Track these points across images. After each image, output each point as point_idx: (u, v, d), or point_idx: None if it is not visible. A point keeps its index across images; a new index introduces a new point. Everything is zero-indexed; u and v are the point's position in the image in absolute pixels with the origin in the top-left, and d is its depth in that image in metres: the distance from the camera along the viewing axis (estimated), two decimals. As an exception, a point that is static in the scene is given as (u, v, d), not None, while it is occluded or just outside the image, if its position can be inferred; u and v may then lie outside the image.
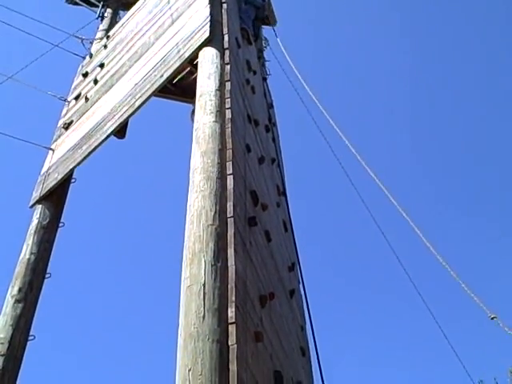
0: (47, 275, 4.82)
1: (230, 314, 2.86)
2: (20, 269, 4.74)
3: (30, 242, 4.96)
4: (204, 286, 2.95)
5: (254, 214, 3.88)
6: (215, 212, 3.36)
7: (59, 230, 5.30)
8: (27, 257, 4.80)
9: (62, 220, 5.41)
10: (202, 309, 2.85)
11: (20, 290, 4.48)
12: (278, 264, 4.30)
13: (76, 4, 10.61)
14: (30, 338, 4.33)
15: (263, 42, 9.01)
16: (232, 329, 2.81)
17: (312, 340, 4.61)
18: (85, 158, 5.50)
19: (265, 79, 7.46)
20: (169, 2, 6.97)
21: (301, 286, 5.02)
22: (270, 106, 7.05)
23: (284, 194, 5.68)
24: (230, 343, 2.74)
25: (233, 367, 2.63)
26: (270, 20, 10.12)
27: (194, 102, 5.23)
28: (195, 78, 4.96)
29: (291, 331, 4.16)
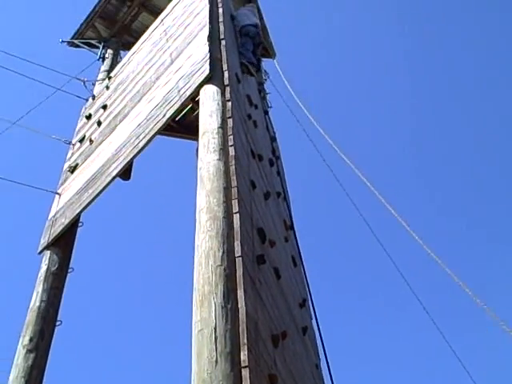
0: (58, 323, 4.78)
1: (242, 358, 2.82)
2: (30, 317, 4.71)
3: (40, 290, 4.94)
4: (215, 330, 2.91)
5: (262, 251, 3.85)
6: (223, 252, 3.34)
7: (68, 275, 5.28)
8: (37, 304, 4.77)
9: (70, 265, 5.39)
10: (215, 353, 2.81)
11: (31, 339, 4.45)
12: (288, 301, 4.25)
13: (77, 47, 10.76)
14: (43, 386, 4.29)
15: (263, 74, 9.07)
16: (245, 373, 2.76)
17: (328, 376, 4.54)
18: (91, 201, 5.50)
19: (266, 112, 7.48)
20: (168, 41, 7.04)
21: (314, 321, 4.95)
22: (273, 139, 7.06)
23: (292, 227, 5.65)
24: (244, 388, 2.69)
25: (248, 413, 2.58)
26: (269, 52, 10.22)
27: (197, 139, 5.25)
28: (197, 115, 4.99)
29: (306, 371, 4.09)
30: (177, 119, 7.20)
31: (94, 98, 8.34)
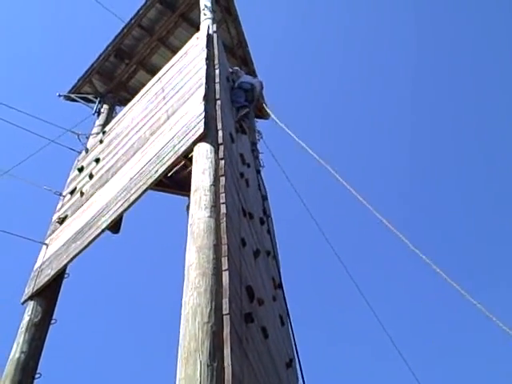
0: (37, 375, 4.67)
1: (227, 419, 2.76)
2: (9, 368, 4.60)
3: (21, 340, 4.85)
4: (200, 389, 2.86)
5: (250, 309, 3.82)
6: (211, 309, 3.31)
7: (51, 327, 5.19)
8: (17, 356, 4.67)
9: (54, 316, 5.31)
10: (198, 414, 2.75)
11: (9, 391, 4.34)
12: (275, 361, 4.19)
13: (73, 100, 10.90)
14: None
15: (256, 134, 9.20)
16: None
17: None
18: (78, 253, 5.47)
19: (259, 171, 7.56)
20: (164, 99, 7.16)
21: (300, 382, 4.87)
22: (265, 197, 7.11)
23: (280, 286, 5.62)
24: None
25: None
26: (263, 113, 10.40)
27: (188, 195, 5.27)
28: (190, 171, 5.03)
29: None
30: (169, 175, 7.26)
31: (87, 151, 8.40)
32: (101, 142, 8.14)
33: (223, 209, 4.19)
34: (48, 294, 5.49)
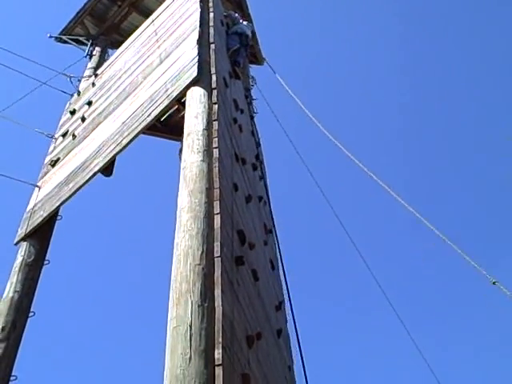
0: (31, 314, 4.75)
1: (216, 356, 2.83)
2: (3, 307, 4.67)
3: (14, 280, 4.91)
4: (190, 327, 2.92)
5: (241, 253, 3.87)
6: (202, 252, 3.36)
7: (44, 267, 5.25)
8: (11, 295, 4.74)
9: (47, 257, 5.36)
10: (189, 350, 2.82)
11: (3, 328, 4.41)
12: (265, 303, 4.28)
13: (65, 42, 10.71)
14: (12, 378, 4.25)
15: (250, 80, 9.12)
16: (219, 371, 2.77)
17: (304, 378, 4.56)
18: (71, 195, 5.48)
19: (252, 118, 7.53)
20: (157, 42, 7.06)
21: (291, 324, 4.99)
22: (258, 144, 7.10)
23: (272, 231, 5.68)
24: (216, 386, 2.71)
25: (219, 411, 2.60)
26: (257, 59, 10.28)
27: (181, 140, 5.26)
28: (183, 116, 5.00)
29: (279, 372, 4.12)
30: (162, 120, 7.22)
31: (79, 94, 8.31)
32: (93, 84, 8.05)
33: (216, 153, 4.20)
34: (41, 236, 5.53)
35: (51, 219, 5.69)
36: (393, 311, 7.47)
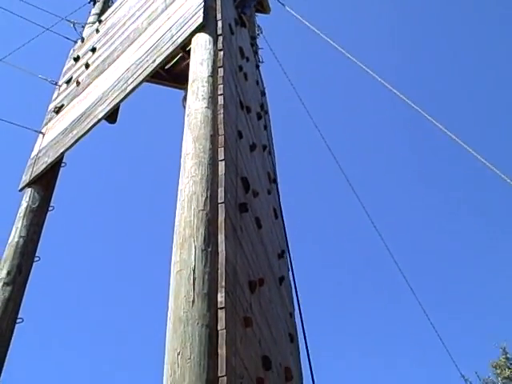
0: (36, 258, 4.80)
1: (219, 299, 2.87)
2: (9, 252, 4.72)
3: (19, 225, 4.94)
4: (194, 271, 2.95)
5: (245, 200, 3.88)
6: (206, 197, 3.36)
7: (49, 213, 5.28)
8: (16, 240, 4.78)
9: (51, 204, 5.39)
10: (192, 293, 2.85)
11: (9, 273, 4.47)
12: (267, 251, 4.31)
13: (68, -13, 10.51)
14: (19, 320, 4.32)
15: (256, 29, 8.97)
16: (221, 314, 2.81)
17: (301, 327, 4.65)
18: (75, 142, 5.47)
19: (257, 67, 7.43)
20: (162, -13, 6.92)
21: (290, 273, 5.03)
22: (263, 93, 7.03)
23: (275, 181, 5.68)
24: (219, 328, 2.75)
25: (222, 352, 2.64)
26: (264, 8, 10.08)
27: (186, 88, 5.21)
28: (188, 64, 4.95)
29: (280, 317, 4.18)
30: (166, 67, 7.14)
31: (82, 40, 8.20)
32: (97, 31, 7.94)
33: (221, 100, 4.16)
34: (45, 182, 5.54)
35: (55, 166, 5.69)
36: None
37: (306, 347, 4.47)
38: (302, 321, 4.61)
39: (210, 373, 2.55)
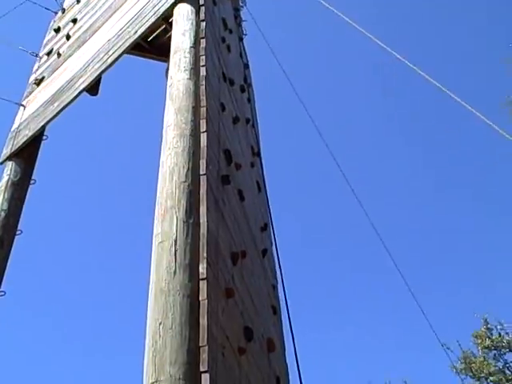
0: (18, 232, 4.77)
1: (201, 270, 2.87)
2: (-10, 225, 4.68)
3: (0, 199, 4.89)
4: (175, 243, 2.95)
5: (228, 172, 3.87)
6: (188, 169, 3.35)
7: (30, 187, 5.24)
8: (-3, 213, 4.74)
9: (33, 177, 5.34)
10: (174, 264, 2.85)
11: (-10, 246, 4.44)
12: (250, 223, 4.31)
13: (48, -43, 10.28)
14: (1, 293, 4.31)
15: (240, 1, 8.87)
16: (203, 285, 2.82)
17: (284, 300, 4.68)
18: (56, 114, 5.40)
19: (241, 39, 7.36)
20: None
21: (273, 246, 5.05)
22: (246, 66, 6.97)
23: (258, 154, 5.67)
24: (200, 298, 2.75)
25: (203, 322, 2.65)
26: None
27: (168, 60, 5.15)
28: (170, 37, 4.89)
29: (263, 290, 4.20)
30: (149, 39, 7.06)
31: (63, 11, 8.05)
32: (78, 1, 7.79)
33: (203, 71, 4.12)
34: (26, 155, 5.48)
35: (36, 139, 5.62)
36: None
37: (289, 319, 4.51)
38: (284, 293, 4.65)
39: (191, 342, 2.56)
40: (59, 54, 6.55)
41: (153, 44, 7.26)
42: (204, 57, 4.26)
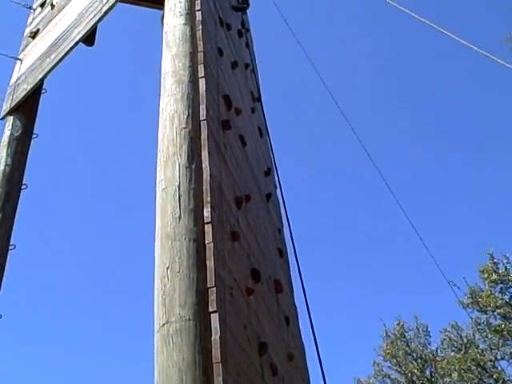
0: (23, 186, 4.80)
1: (205, 214, 2.91)
2: (-5, 180, 4.70)
3: (4, 154, 4.90)
4: (179, 188, 2.98)
5: (228, 117, 3.86)
6: (188, 115, 3.35)
7: (33, 141, 5.23)
8: (2, 168, 4.75)
9: (34, 131, 5.33)
10: (178, 210, 2.89)
11: (-3, 200, 4.48)
12: (253, 168, 4.33)
13: None
14: (11, 247, 4.37)
15: None
16: (208, 228, 2.86)
17: (290, 243, 4.72)
18: (53, 67, 5.34)
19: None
20: None
21: (278, 191, 5.07)
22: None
23: (259, 99, 5.63)
24: (206, 242, 2.80)
25: (210, 264, 2.70)
26: None
27: (163, 7, 5.07)
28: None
29: (268, 233, 4.24)
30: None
31: (55, -39, 7.87)
32: (69, -50, 7.61)
33: (199, 16, 4.07)
34: (26, 110, 5.45)
35: (35, 92, 5.58)
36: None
37: (297, 262, 4.57)
38: (291, 236, 4.68)
39: (199, 284, 2.62)
40: (53, 5, 6.43)
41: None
42: (199, 1, 4.20)
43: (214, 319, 2.54)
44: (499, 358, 15.92)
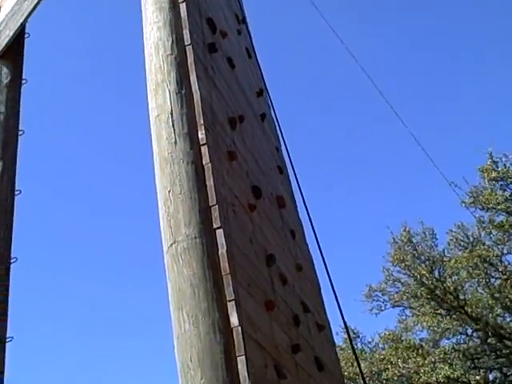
0: (20, 132, 4.83)
1: (200, 137, 2.96)
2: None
3: (-4, 102, 4.92)
4: (172, 114, 3.03)
5: (214, 40, 3.85)
6: (172, 41, 3.36)
7: (23, 87, 5.23)
8: (-4, 115, 4.78)
9: (23, 77, 5.31)
10: (173, 135, 2.95)
11: (-4, 148, 4.53)
12: (245, 89, 4.34)
13: None
14: (17, 192, 4.45)
15: None
16: (204, 150, 2.92)
17: (289, 162, 4.79)
18: (33, 9, 5.26)
19: None
20: None
21: (271, 111, 5.09)
22: None
23: (244, 21, 5.56)
24: (204, 163, 2.87)
25: (210, 183, 2.78)
26: None
27: None
28: None
29: (266, 151, 4.30)
30: None
31: None
32: None
33: None
34: (12, 56, 5.41)
35: (18, 38, 5.52)
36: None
37: (296, 179, 4.65)
38: (288, 153, 4.75)
39: (201, 204, 2.71)
40: None
41: None
42: None
43: (219, 235, 2.63)
44: (505, 252, 16.30)
